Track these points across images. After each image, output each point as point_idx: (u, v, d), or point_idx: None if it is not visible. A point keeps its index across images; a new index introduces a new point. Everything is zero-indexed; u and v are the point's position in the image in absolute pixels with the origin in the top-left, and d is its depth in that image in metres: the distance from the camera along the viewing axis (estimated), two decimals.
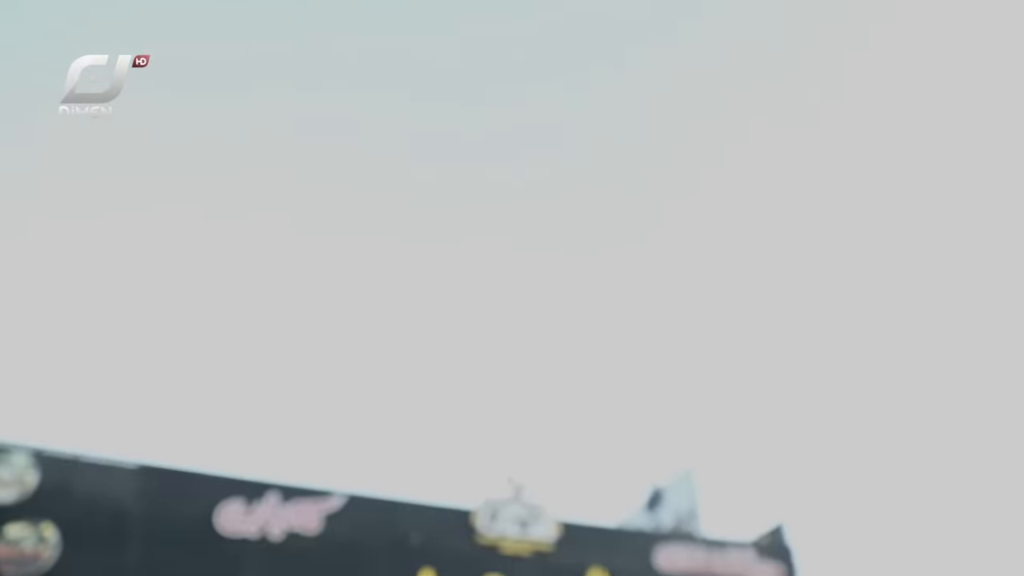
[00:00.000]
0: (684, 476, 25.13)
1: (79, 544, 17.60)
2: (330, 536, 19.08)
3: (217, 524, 18.44)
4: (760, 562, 22.87)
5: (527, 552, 20.60)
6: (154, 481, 18.74)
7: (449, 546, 19.98)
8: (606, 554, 21.35)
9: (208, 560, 18.04)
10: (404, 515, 20.16)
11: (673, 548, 22.04)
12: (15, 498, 17.65)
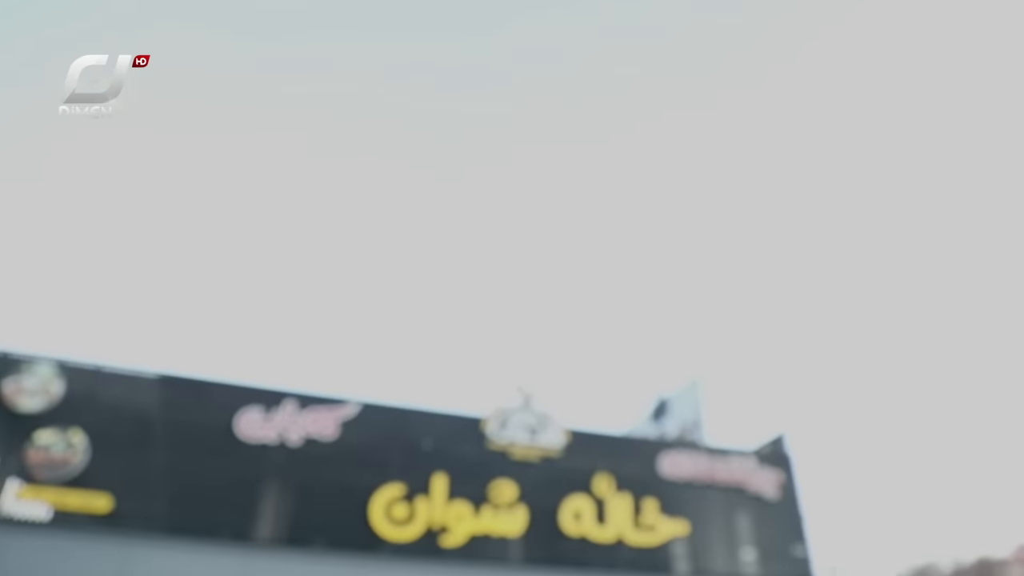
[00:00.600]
0: (690, 387, 25.61)
1: (106, 449, 18.36)
2: (346, 442, 19.78)
3: (237, 430, 19.12)
4: (761, 469, 23.62)
5: (536, 458, 21.35)
6: (176, 390, 19.35)
7: (460, 452, 20.72)
8: (612, 460, 22.08)
9: (229, 464, 18.81)
10: (417, 422, 20.84)
11: (677, 455, 22.75)
12: (42, 406, 18.31)
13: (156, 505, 17.94)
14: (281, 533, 18.50)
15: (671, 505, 21.94)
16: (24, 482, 17.39)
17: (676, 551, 21.75)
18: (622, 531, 20.93)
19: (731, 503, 22.77)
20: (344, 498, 19.13)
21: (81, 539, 17.05)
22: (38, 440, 17.84)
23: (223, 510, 18.34)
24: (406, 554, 18.82)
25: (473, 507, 19.84)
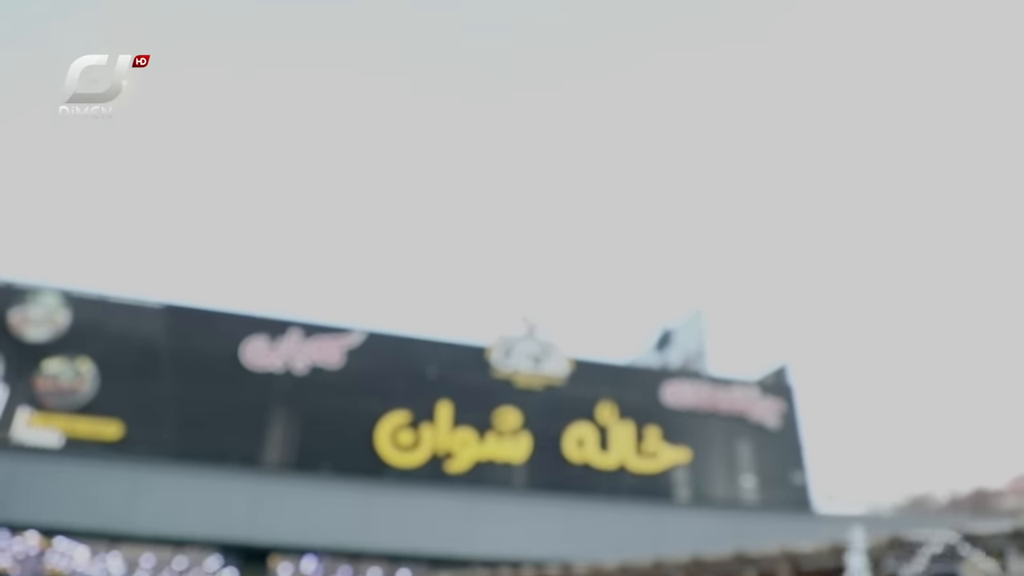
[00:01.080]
0: (694, 317, 25.58)
1: (114, 378, 18.49)
2: (351, 370, 19.89)
3: (243, 359, 19.19)
4: (763, 399, 23.83)
5: (540, 386, 21.56)
6: (182, 319, 19.35)
7: (465, 380, 20.89)
8: (615, 389, 22.25)
9: (236, 392, 18.94)
10: (422, 350, 20.93)
11: (680, 384, 22.94)
12: (48, 336, 18.36)
13: (165, 432, 18.14)
14: (288, 459, 18.75)
15: (673, 433, 22.18)
16: (34, 410, 17.55)
17: (677, 478, 22.09)
18: (624, 458, 21.21)
19: (732, 431, 23.02)
20: (350, 425, 19.32)
21: (91, 465, 17.26)
22: (46, 369, 17.93)
23: (231, 437, 18.54)
24: (411, 479, 19.10)
25: (477, 434, 20.05)
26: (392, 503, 18.55)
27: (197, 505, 17.33)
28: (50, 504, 16.53)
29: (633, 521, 20.21)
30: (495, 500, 19.47)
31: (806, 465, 23.47)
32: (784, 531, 14.53)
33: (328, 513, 17.98)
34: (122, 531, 17.21)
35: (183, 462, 17.82)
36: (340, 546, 18.07)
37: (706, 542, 13.60)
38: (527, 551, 18.92)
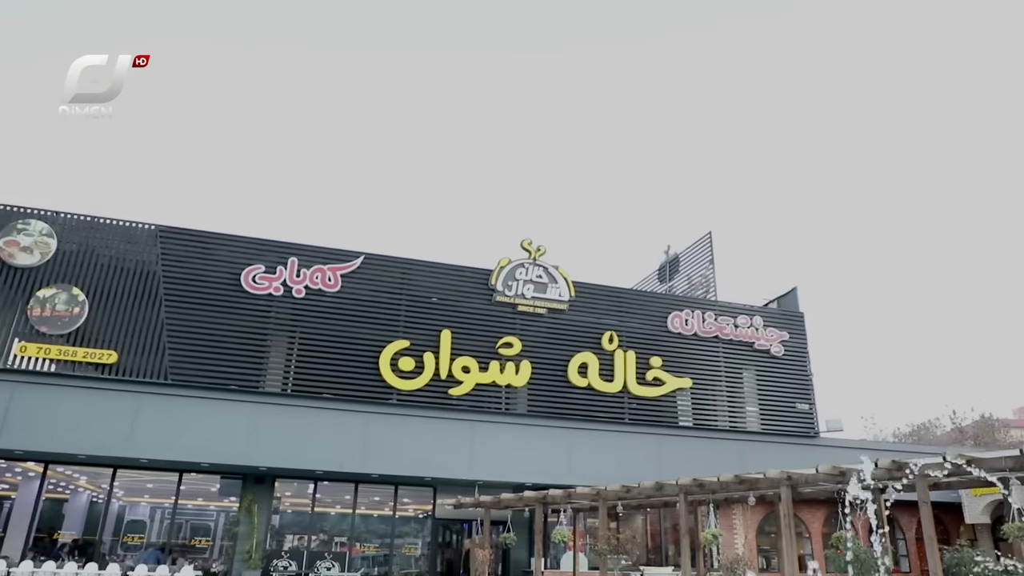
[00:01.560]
0: (701, 241, 25.01)
1: (107, 304, 18.21)
2: (352, 295, 19.56)
3: (243, 283, 18.86)
4: (770, 325, 23.44)
5: (543, 311, 21.26)
6: (177, 243, 18.94)
7: (467, 305, 20.55)
8: (619, 315, 21.91)
9: (234, 317, 18.67)
10: (424, 275, 20.54)
11: (686, 311, 22.55)
12: (38, 261, 18.00)
13: (162, 358, 17.97)
14: (289, 385, 18.62)
15: (677, 360, 21.93)
16: (29, 337, 17.37)
17: (681, 404, 21.94)
18: (628, 384, 21.02)
19: (738, 358, 22.75)
20: (351, 350, 19.11)
21: (89, 392, 17.17)
22: (39, 295, 17.68)
23: (230, 363, 18.37)
24: (413, 404, 19.00)
25: (480, 360, 19.83)
26: (393, 428, 18.50)
27: (197, 431, 17.29)
28: (48, 432, 16.50)
29: (635, 447, 20.17)
30: (497, 425, 19.41)
31: (812, 392, 23.27)
32: (787, 458, 14.40)
33: (330, 438, 17.96)
34: (122, 457, 17.26)
35: (182, 388, 17.74)
36: (342, 470, 18.12)
37: (709, 468, 13.44)
38: (529, 475, 18.97)
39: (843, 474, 9.92)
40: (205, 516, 24.46)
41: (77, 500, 22.40)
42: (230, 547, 19.38)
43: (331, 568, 18.96)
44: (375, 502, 21.21)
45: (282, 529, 20.24)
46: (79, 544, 20.12)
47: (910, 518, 21.99)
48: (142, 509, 24.68)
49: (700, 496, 14.05)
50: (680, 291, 25.85)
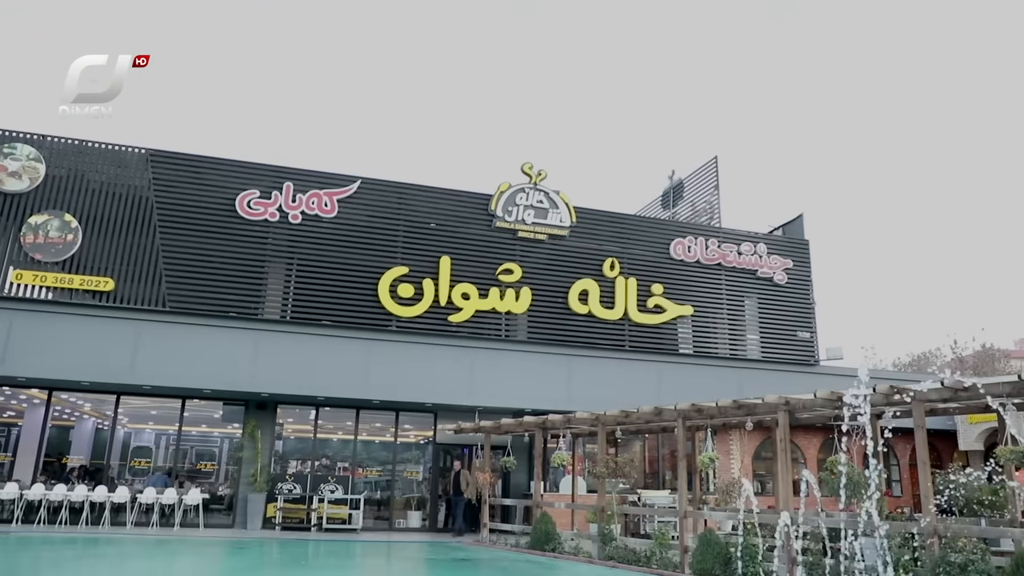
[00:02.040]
0: (706, 166, 24.54)
1: (101, 231, 17.97)
2: (349, 221, 19.28)
3: (238, 209, 18.60)
4: (774, 253, 23.16)
5: (543, 237, 21.01)
6: (170, 168, 18.58)
7: (467, 231, 20.29)
8: (622, 241, 21.63)
9: (231, 244, 18.46)
10: (422, 200, 20.21)
11: (689, 238, 22.27)
12: (27, 186, 17.69)
13: (160, 286, 17.86)
14: (288, 312, 18.56)
15: (679, 287, 21.77)
16: (24, 264, 17.22)
17: (682, 332, 21.90)
18: (628, 312, 20.92)
19: (740, 286, 22.59)
20: (350, 277, 18.96)
21: (88, 319, 17.12)
22: (31, 222, 17.45)
23: (229, 290, 18.27)
24: (412, 331, 18.97)
25: (480, 286, 19.70)
26: (394, 355, 18.52)
27: (198, 358, 17.32)
28: (49, 359, 16.53)
29: (635, 374, 20.20)
30: (497, 352, 19.42)
31: (814, 321, 23.19)
32: (787, 386, 14.33)
33: (330, 364, 18.00)
34: (125, 384, 17.36)
35: (181, 316, 17.69)
36: (343, 396, 18.23)
37: (708, 395, 13.41)
38: (529, 401, 19.06)
39: (841, 399, 9.85)
40: (209, 442, 24.84)
41: (83, 427, 22.72)
42: (235, 471, 19.70)
43: (335, 491, 19.30)
44: (376, 428, 21.44)
45: (285, 455, 20.53)
46: (88, 469, 20.49)
47: (905, 445, 22.22)
48: (147, 436, 25.06)
49: (698, 421, 14.11)
50: (684, 217, 25.52)
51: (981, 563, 8.66)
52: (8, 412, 20.88)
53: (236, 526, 18.39)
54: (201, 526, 17.76)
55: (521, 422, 17.21)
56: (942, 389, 9.60)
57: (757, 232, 23.59)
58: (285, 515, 18.74)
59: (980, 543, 9.34)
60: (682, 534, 12.50)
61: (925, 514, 9.66)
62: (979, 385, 9.41)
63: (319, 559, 13.76)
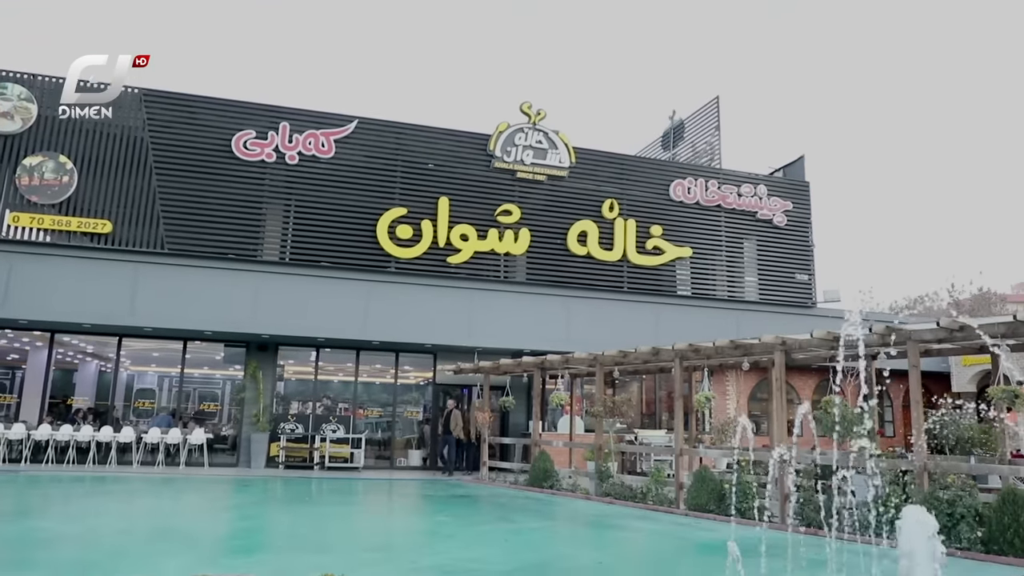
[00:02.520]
0: (708, 107, 24.21)
1: (97, 172, 17.82)
2: (345, 161, 19.10)
3: (234, 150, 18.40)
4: (774, 195, 23.03)
5: (542, 178, 20.88)
6: (163, 108, 18.30)
7: (465, 172, 20.12)
8: (621, 183, 21.48)
9: (227, 185, 18.31)
10: (420, 141, 19.98)
11: (689, 179, 22.11)
12: (19, 127, 17.43)
13: (158, 228, 17.79)
14: (287, 253, 18.55)
15: (678, 229, 21.72)
16: (21, 207, 17.12)
17: (680, 274, 21.93)
18: (627, 253, 20.92)
19: (739, 228, 22.53)
20: (349, 219, 18.89)
21: (88, 262, 17.13)
22: (25, 163, 17.27)
23: (228, 231, 18.20)
24: (411, 273, 18.99)
25: (478, 227, 19.64)
26: (393, 296, 18.58)
27: (198, 299, 17.37)
28: (50, 302, 16.58)
29: (633, 316, 20.31)
30: (496, 293, 19.49)
31: (812, 263, 23.23)
32: (784, 327, 14.42)
33: (330, 306, 18.08)
34: (126, 326, 17.45)
35: (180, 258, 17.68)
36: (343, 338, 18.36)
37: (705, 337, 13.49)
38: (528, 343, 19.21)
39: (837, 339, 9.94)
40: (212, 384, 25.14)
41: (86, 369, 22.95)
42: (238, 412, 19.99)
43: (336, 431, 19.62)
44: (377, 369, 21.67)
45: (287, 396, 20.79)
46: (93, 411, 20.78)
47: (898, 387, 22.50)
48: (150, 378, 25.33)
49: (695, 361, 14.25)
50: (684, 159, 25.30)
51: (968, 498, 8.86)
52: (12, 355, 21.05)
53: (240, 465, 18.75)
54: (206, 465, 18.11)
55: (520, 363, 17.38)
56: (937, 329, 9.69)
57: (757, 174, 23.43)
58: (288, 454, 19.09)
59: (969, 480, 9.55)
60: (678, 471, 12.77)
61: (916, 451, 9.85)
62: (975, 325, 9.49)
63: (323, 495, 14.09)
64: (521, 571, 6.90)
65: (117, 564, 6.04)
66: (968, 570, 6.95)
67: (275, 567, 6.08)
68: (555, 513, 12.07)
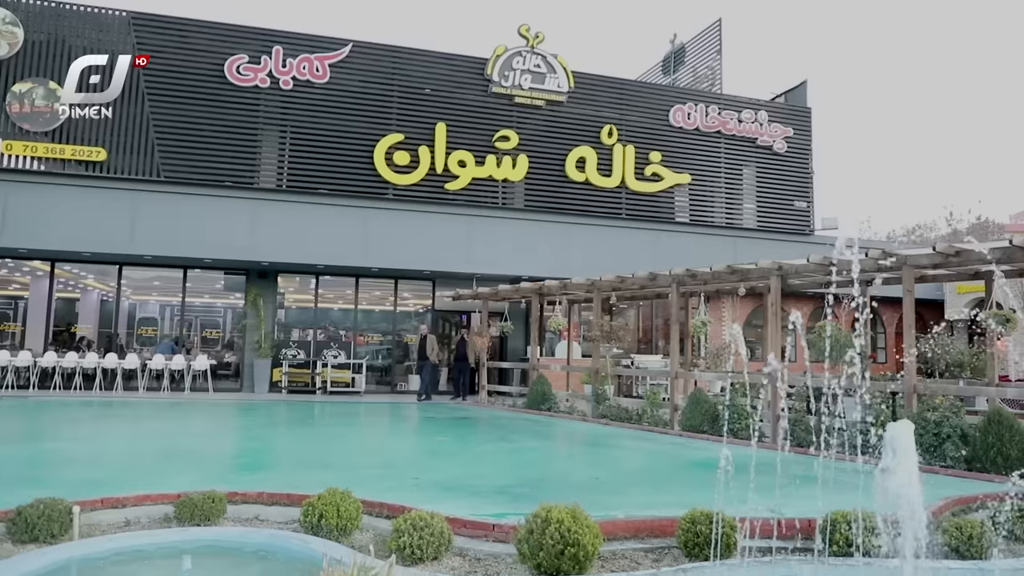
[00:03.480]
0: (709, 30, 23.63)
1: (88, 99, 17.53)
2: (340, 86, 18.77)
3: (227, 75, 18.08)
4: (775, 121, 22.73)
5: (541, 103, 20.54)
6: (154, 31, 17.86)
7: (462, 97, 19.77)
8: (620, 108, 21.17)
9: (223, 110, 18.07)
10: (416, 65, 19.57)
11: (689, 105, 21.79)
12: (6, 52, 16.99)
13: (154, 156, 17.64)
14: (285, 181, 18.44)
15: (677, 155, 21.56)
16: (13, 135, 16.91)
17: (679, 200, 21.88)
18: (625, 180, 20.81)
19: (739, 155, 22.36)
20: (345, 145, 18.71)
21: (85, 190, 17.03)
22: (15, 90, 16.97)
23: (224, 158, 18.06)
24: (409, 199, 18.93)
25: (476, 154, 19.48)
26: (391, 223, 18.58)
27: (196, 227, 17.36)
28: (48, 231, 16.57)
29: (631, 242, 20.37)
30: (494, 220, 19.48)
31: (811, 191, 23.15)
32: (782, 254, 14.47)
33: (329, 233, 18.10)
34: (125, 254, 17.49)
35: (177, 185, 17.59)
36: (342, 265, 18.45)
37: (703, 263, 13.58)
38: (526, 269, 19.32)
39: (832, 265, 10.01)
40: (213, 312, 25.37)
41: (88, 298, 23.13)
42: (239, 339, 20.24)
43: (337, 356, 19.92)
44: (376, 297, 21.86)
45: (288, 324, 21.03)
46: (87, 340, 21.02)
47: (892, 314, 22.76)
48: (151, 306, 25.56)
49: (692, 287, 14.37)
50: (684, 84, 24.90)
51: (954, 419, 9.11)
52: (14, 284, 21.20)
53: (244, 390, 19.10)
54: (210, 390, 18.46)
55: (518, 288, 17.53)
56: (933, 254, 9.75)
57: (759, 99, 23.10)
58: (291, 379, 19.44)
59: (956, 401, 9.79)
60: (673, 393, 13.06)
61: (906, 373, 10.06)
62: (971, 246, 9.55)
63: (326, 418, 14.42)
64: (520, 486, 7.16)
65: (127, 481, 6.26)
66: (949, 485, 7.22)
67: (282, 483, 6.30)
68: (553, 433, 12.40)
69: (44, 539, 4.77)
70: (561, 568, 4.27)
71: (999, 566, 4.66)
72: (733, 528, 4.72)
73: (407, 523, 4.64)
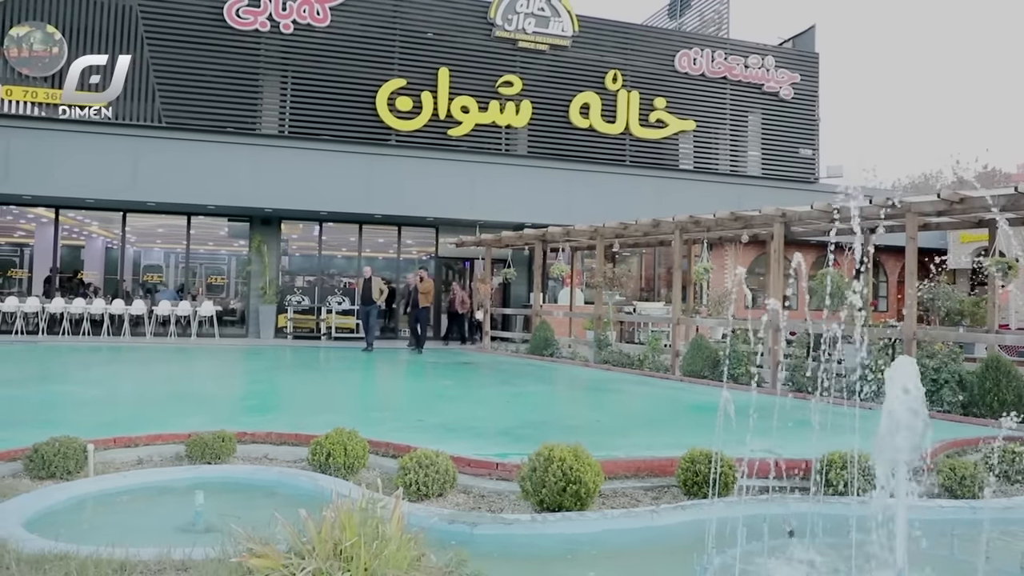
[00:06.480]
0: None
1: (86, 44, 17.30)
2: (342, 30, 18.47)
3: (227, 18, 17.79)
4: (782, 67, 22.35)
5: (544, 48, 20.21)
6: None
7: (465, 41, 19.47)
8: (625, 53, 20.83)
9: (224, 55, 17.84)
10: (418, 8, 19.11)
11: (695, 49, 21.43)
12: None
13: (155, 102, 17.47)
14: (287, 126, 18.30)
15: (682, 101, 21.30)
16: (13, 80, 16.74)
17: (683, 147, 21.69)
18: (629, 126, 20.62)
19: (745, 101, 22.08)
20: (347, 90, 18.50)
21: (86, 136, 16.93)
22: (12, 34, 16.74)
23: (225, 104, 17.90)
24: (412, 145, 18.81)
25: (479, 99, 19.27)
26: (394, 169, 18.48)
27: (199, 173, 17.30)
28: (52, 177, 16.52)
29: (635, 190, 20.27)
30: (497, 166, 19.36)
31: (817, 139, 22.94)
32: (786, 202, 14.45)
33: (332, 179, 18.02)
34: (128, 201, 17.46)
35: (178, 132, 17.46)
36: (345, 211, 18.43)
37: (707, 210, 13.54)
38: (529, 216, 19.28)
39: (836, 212, 10.00)
40: (217, 259, 25.47)
41: (93, 246, 23.21)
42: (244, 286, 20.34)
43: (341, 303, 20.05)
44: (379, 244, 21.89)
45: (292, 271, 21.11)
46: (91, 286, 21.16)
47: (895, 263, 22.74)
48: (156, 254, 25.65)
49: (695, 234, 14.36)
50: (691, 28, 24.45)
51: (953, 365, 9.22)
52: (19, 231, 21.23)
53: (249, 336, 19.29)
54: (216, 336, 18.64)
55: (521, 235, 17.54)
56: (937, 201, 9.72)
57: (766, 44, 22.71)
58: (295, 325, 19.62)
59: (955, 348, 9.88)
60: (674, 339, 13.17)
61: (906, 319, 10.13)
62: (975, 193, 9.52)
63: (331, 362, 14.60)
64: (523, 427, 7.31)
65: (138, 422, 6.40)
66: (945, 429, 7.36)
67: (289, 424, 6.44)
68: (555, 378, 12.57)
69: (60, 475, 4.92)
70: (563, 505, 4.41)
71: (990, 505, 4.80)
72: (731, 468, 4.86)
73: (413, 461, 4.77)
